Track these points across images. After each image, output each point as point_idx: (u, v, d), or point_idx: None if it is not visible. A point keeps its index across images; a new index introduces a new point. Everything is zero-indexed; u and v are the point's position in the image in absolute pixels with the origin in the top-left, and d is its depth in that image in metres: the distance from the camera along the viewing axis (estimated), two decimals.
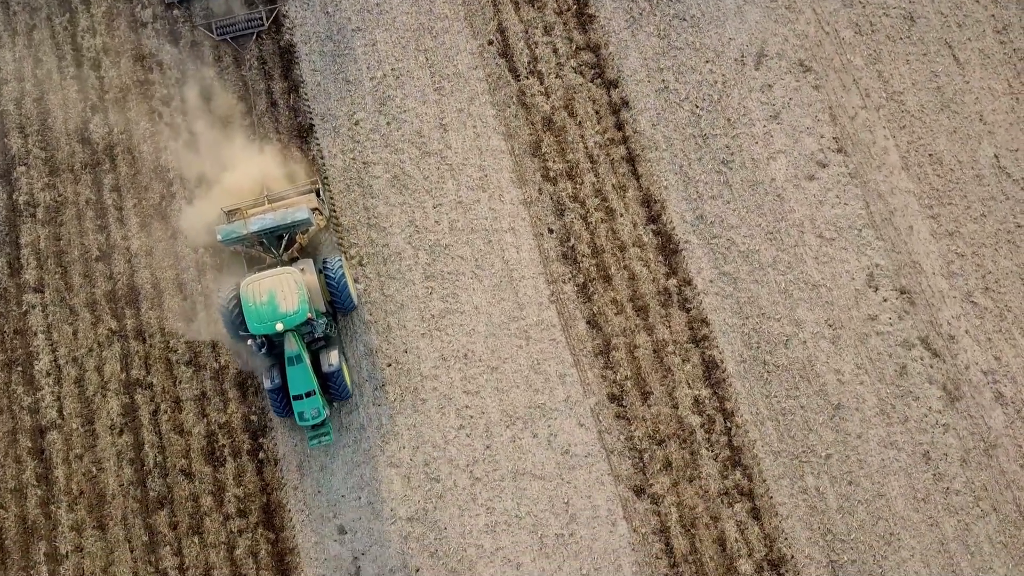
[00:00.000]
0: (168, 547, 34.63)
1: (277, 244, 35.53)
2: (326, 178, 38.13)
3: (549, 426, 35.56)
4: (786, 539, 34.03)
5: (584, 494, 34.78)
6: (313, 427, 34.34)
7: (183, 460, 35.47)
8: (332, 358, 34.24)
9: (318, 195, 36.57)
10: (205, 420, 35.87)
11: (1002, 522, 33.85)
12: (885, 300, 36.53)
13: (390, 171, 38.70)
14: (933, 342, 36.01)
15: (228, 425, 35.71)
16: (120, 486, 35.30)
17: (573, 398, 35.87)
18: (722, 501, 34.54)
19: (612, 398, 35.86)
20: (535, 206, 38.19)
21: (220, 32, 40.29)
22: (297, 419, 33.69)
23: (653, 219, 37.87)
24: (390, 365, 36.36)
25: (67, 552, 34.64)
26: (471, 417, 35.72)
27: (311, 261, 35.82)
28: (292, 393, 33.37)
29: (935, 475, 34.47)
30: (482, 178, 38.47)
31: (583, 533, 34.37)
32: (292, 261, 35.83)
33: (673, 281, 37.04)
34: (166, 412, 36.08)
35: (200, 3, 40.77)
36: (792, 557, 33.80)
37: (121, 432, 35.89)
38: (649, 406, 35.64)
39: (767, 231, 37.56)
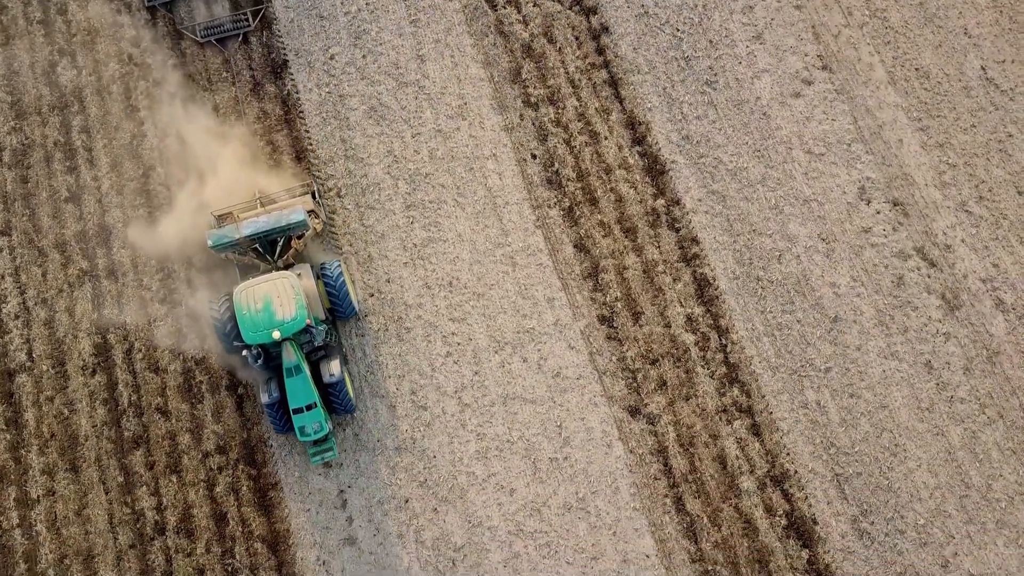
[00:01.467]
0: (145, 487, 33.08)
1: (271, 250, 33.18)
2: (319, 180, 36.27)
3: (539, 350, 34.35)
4: (788, 454, 32.80)
5: (577, 416, 33.51)
6: (315, 442, 32.01)
7: (159, 398, 34.01)
8: (333, 368, 31.83)
9: (314, 197, 34.62)
10: (181, 357, 34.48)
11: (1009, 428, 32.76)
12: (878, 212, 35.68)
13: (367, 103, 37.74)
14: (929, 252, 35.12)
15: (205, 361, 34.33)
16: (93, 427, 33.78)
17: (562, 321, 34.71)
18: (720, 419, 33.34)
19: (602, 320, 34.72)
20: (517, 132, 37.28)
21: (204, 34, 38.52)
22: (298, 434, 31.25)
23: (638, 141, 37.00)
24: (372, 295, 35.14)
25: (38, 496, 33.00)
26: (458, 344, 34.49)
27: (308, 266, 33.58)
28: (291, 406, 30.98)
29: (938, 384, 33.40)
30: (461, 106, 37.56)
31: (578, 456, 33.05)
32: (288, 268, 33.43)
33: (661, 201, 36.08)
34: (140, 351, 34.68)
35: (183, 5, 39.19)
36: (795, 472, 32.56)
37: (94, 372, 34.44)
38: (641, 326, 34.51)
39: (754, 149, 36.74)
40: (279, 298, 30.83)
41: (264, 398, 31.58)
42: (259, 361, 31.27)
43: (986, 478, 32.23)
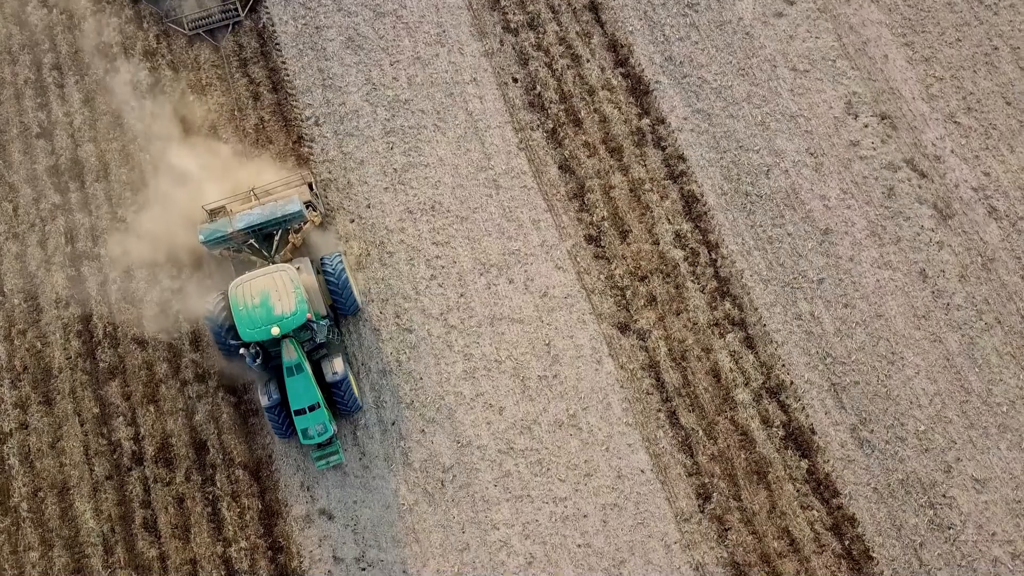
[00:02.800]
0: (121, 418, 31.98)
1: (268, 244, 31.43)
2: (314, 164, 34.90)
3: (525, 271, 33.53)
4: (784, 366, 31.98)
5: (566, 335, 32.65)
6: (319, 445, 30.05)
7: (135, 328, 32.99)
8: (336, 365, 29.96)
9: (311, 189, 32.77)
10: (159, 287, 33.51)
11: (1008, 333, 32.05)
12: (866, 126, 35.12)
13: (344, 33, 37.10)
14: (919, 163, 34.56)
15: (183, 290, 33.35)
16: (67, 359, 32.73)
17: (549, 242, 33.93)
18: (713, 332, 32.52)
19: (589, 239, 33.95)
20: (497, 57, 36.67)
21: (192, 27, 37.04)
22: (301, 437, 29.35)
23: (621, 63, 36.43)
24: (353, 221, 34.32)
25: (11, 430, 31.87)
26: (442, 267, 33.64)
27: (307, 260, 31.77)
28: (293, 408, 29.07)
29: (934, 292, 32.71)
30: (440, 34, 36.96)
31: (567, 373, 32.15)
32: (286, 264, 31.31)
33: (646, 121, 35.46)
34: (116, 281, 33.70)
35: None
36: (791, 383, 31.73)
37: (67, 305, 33.42)
38: (629, 244, 33.75)
39: (738, 68, 36.21)
40: (277, 292, 29.04)
41: (264, 400, 29.50)
42: (258, 361, 29.26)
43: (986, 383, 31.47)
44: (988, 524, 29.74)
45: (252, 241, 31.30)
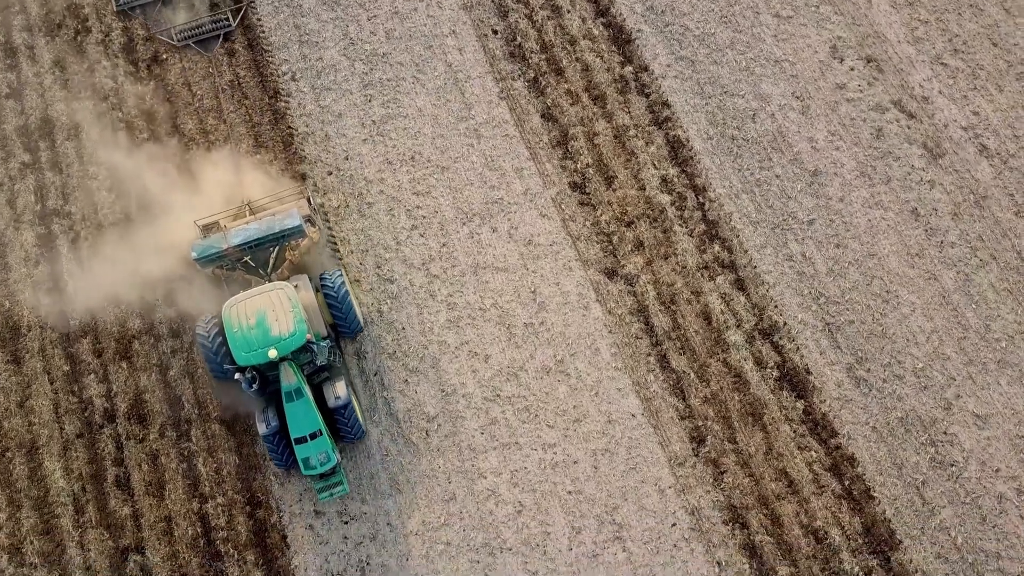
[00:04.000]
0: (93, 375, 30.84)
1: (264, 262, 29.52)
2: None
3: (509, 219, 32.68)
4: (776, 307, 31.12)
5: (552, 282, 31.74)
6: (321, 476, 27.88)
7: (108, 284, 31.89)
8: (339, 390, 28.07)
9: (309, 203, 30.91)
10: (131, 242, 32.49)
11: (1003, 269, 31.29)
12: (852, 69, 34.57)
13: None
14: (907, 104, 33.98)
15: (154, 246, 32.33)
16: (37, 317, 31.60)
17: (532, 190, 33.12)
18: (702, 275, 31.67)
19: (574, 186, 33.16)
20: (476, 10, 36.07)
21: (181, 38, 35.69)
22: (302, 468, 27.23)
23: (601, 13, 35.88)
24: (331, 174, 33.47)
25: None
26: (423, 217, 32.77)
27: (306, 277, 29.86)
28: (294, 436, 26.99)
29: (927, 230, 31.98)
30: None
31: (554, 320, 31.20)
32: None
33: (629, 69, 34.83)
34: (87, 239, 32.70)
35: (156, 8, 36.31)
36: (784, 324, 30.85)
37: (37, 263, 32.37)
38: (614, 190, 32.97)
39: (720, 15, 35.69)
40: (274, 312, 27.08)
41: (262, 428, 27.53)
42: (254, 386, 27.22)
43: (984, 319, 30.66)
44: (991, 460, 28.78)
45: (247, 259, 29.23)
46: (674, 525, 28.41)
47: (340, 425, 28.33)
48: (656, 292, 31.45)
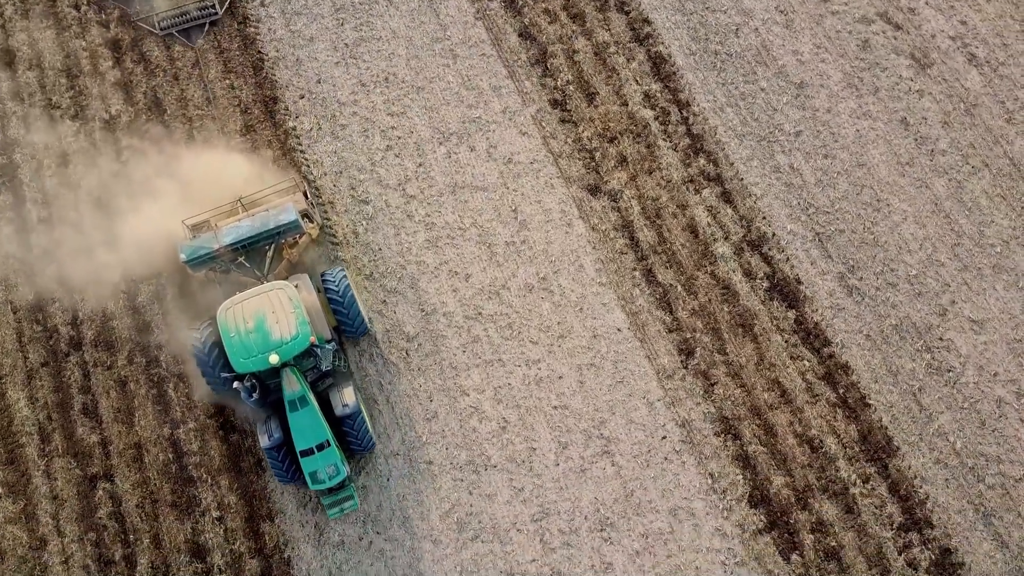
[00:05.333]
0: (57, 303, 29.63)
1: (260, 261, 27.41)
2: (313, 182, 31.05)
3: (487, 138, 31.67)
4: (764, 218, 30.20)
5: (533, 200, 30.74)
6: (330, 490, 25.62)
7: (73, 212, 30.75)
8: (346, 396, 25.84)
9: (306, 197, 28.64)
10: (97, 170, 31.37)
11: (996, 176, 30.47)
12: None
13: None
14: (893, 16, 33.13)
15: (121, 173, 31.17)
16: None
17: (511, 108, 32.12)
18: (688, 188, 30.72)
19: (554, 104, 32.18)
20: None
21: (164, 26, 33.22)
22: (309, 482, 24.93)
23: None
24: (303, 97, 32.38)
25: None
26: (399, 138, 31.73)
27: (306, 276, 27.67)
28: (299, 448, 24.77)
29: (917, 139, 31.12)
30: None
31: (536, 238, 30.19)
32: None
33: None
34: (50, 168, 31.51)
35: None
36: (773, 235, 29.93)
37: None
38: (596, 107, 32.00)
39: None
40: (274, 314, 24.88)
41: (264, 440, 25.19)
42: (255, 395, 24.96)
43: (977, 225, 29.81)
44: (989, 365, 27.92)
45: (242, 259, 27.12)
46: (664, 438, 27.43)
47: (349, 435, 25.96)
48: (641, 207, 30.50)
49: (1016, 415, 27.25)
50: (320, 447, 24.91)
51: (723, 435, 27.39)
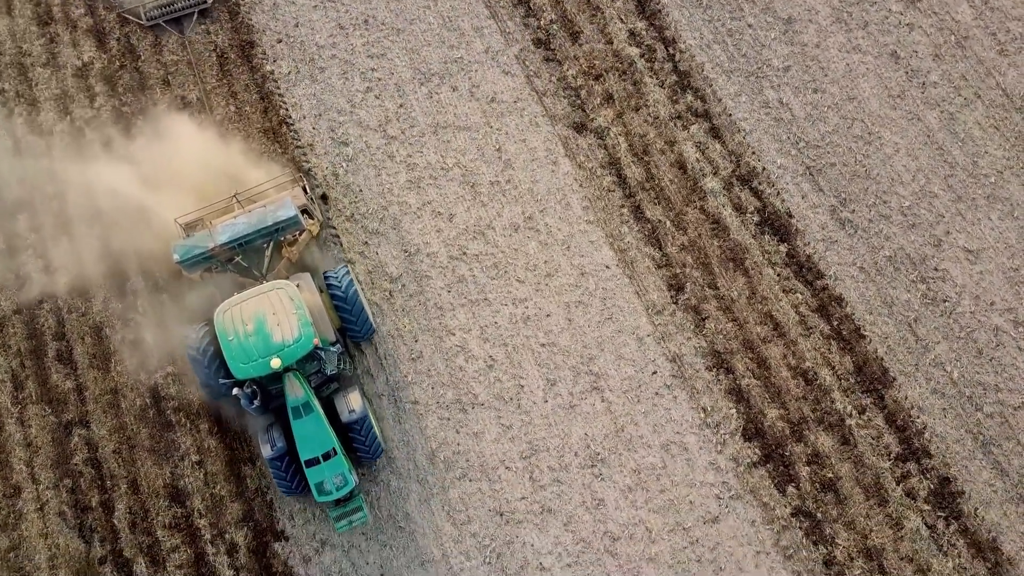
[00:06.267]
0: (31, 250, 28.83)
1: (258, 260, 25.93)
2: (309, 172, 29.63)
3: (470, 78, 30.95)
4: (754, 153, 29.56)
5: (517, 139, 30.04)
6: (337, 502, 24.09)
7: (44, 160, 29.94)
8: (353, 401, 24.33)
9: (305, 192, 27.43)
10: (69, 117, 30.56)
11: (988, 107, 29.87)
12: None
13: None
14: None
15: (98, 118, 30.40)
16: None
17: (494, 48, 31.41)
18: (675, 125, 30.07)
19: (538, 43, 31.47)
20: None
21: (151, 16, 31.73)
22: (315, 494, 23.44)
23: None
24: (280, 41, 31.62)
25: None
26: (379, 79, 30.98)
27: (308, 276, 26.17)
28: (304, 457, 23.29)
29: (907, 72, 30.51)
30: None
31: (521, 177, 29.50)
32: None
33: None
34: (22, 115, 30.69)
35: None
36: (763, 169, 29.30)
37: None
38: (580, 45, 31.31)
39: None
40: (275, 315, 23.37)
41: (266, 451, 23.79)
42: (255, 403, 23.43)
43: (970, 156, 29.23)
44: (985, 294, 27.33)
45: (239, 259, 25.61)
46: (654, 373, 26.77)
47: (356, 442, 24.49)
48: (628, 144, 29.83)
49: (1014, 344, 26.68)
50: (326, 456, 23.40)
51: (715, 369, 26.74)
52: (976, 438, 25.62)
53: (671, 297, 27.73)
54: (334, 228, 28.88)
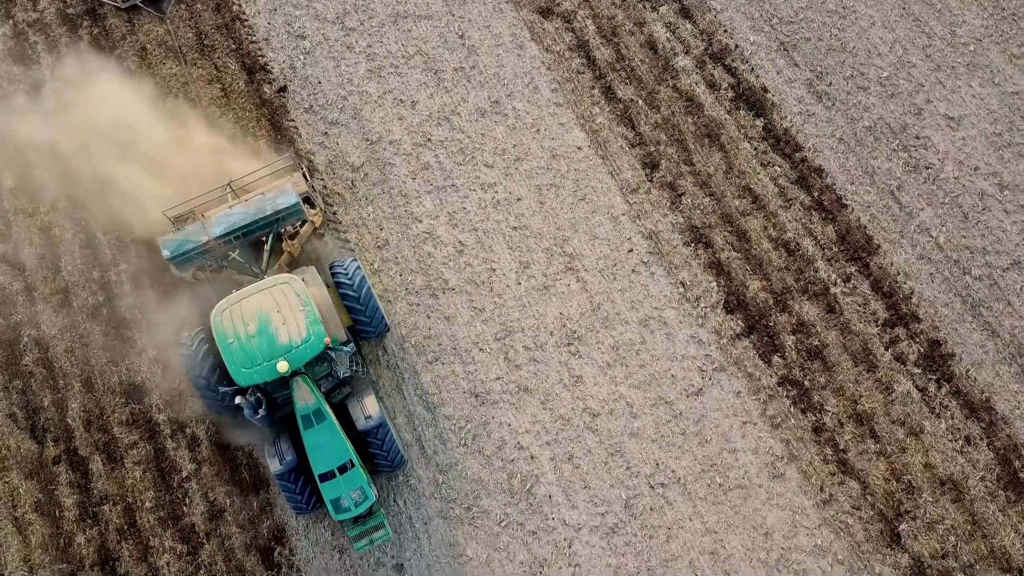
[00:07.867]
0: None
1: (257, 255, 23.55)
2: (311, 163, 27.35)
3: None
4: (725, 31, 28.56)
5: (481, 25, 28.91)
6: (356, 519, 21.54)
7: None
8: (369, 407, 21.90)
9: (306, 179, 24.97)
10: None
11: None
12: None
13: None
14: None
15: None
16: None
17: None
18: (644, 5, 29.04)
19: None
20: None
21: None
22: (332, 511, 21.03)
23: None
24: None
25: None
26: None
27: (313, 269, 23.53)
28: (318, 471, 20.87)
29: None
30: None
31: (486, 63, 28.37)
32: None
33: None
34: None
35: None
36: (736, 46, 28.31)
37: None
38: None
39: None
40: (280, 313, 20.86)
41: (274, 465, 21.28)
42: (260, 412, 20.92)
43: (948, 26, 28.35)
44: (969, 159, 26.46)
45: (235, 254, 22.97)
46: (631, 251, 25.72)
47: (374, 452, 22.07)
48: (596, 26, 28.76)
49: (1000, 206, 25.81)
50: (342, 469, 20.94)
51: (693, 244, 25.72)
52: (965, 301, 24.73)
53: (646, 175, 26.68)
54: (294, 121, 27.70)
